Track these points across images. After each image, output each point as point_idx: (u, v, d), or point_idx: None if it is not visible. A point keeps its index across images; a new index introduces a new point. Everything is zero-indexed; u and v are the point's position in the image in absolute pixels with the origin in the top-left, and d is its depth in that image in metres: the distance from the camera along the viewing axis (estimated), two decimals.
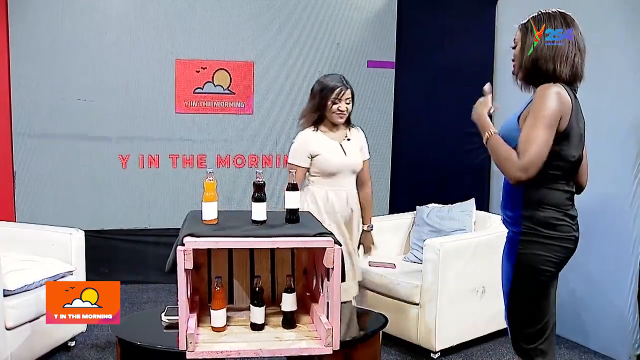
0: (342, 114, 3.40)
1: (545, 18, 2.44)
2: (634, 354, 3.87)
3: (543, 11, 2.44)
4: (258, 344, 2.49)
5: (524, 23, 2.44)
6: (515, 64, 2.50)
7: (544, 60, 2.41)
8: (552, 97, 2.29)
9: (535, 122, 2.25)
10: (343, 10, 5.46)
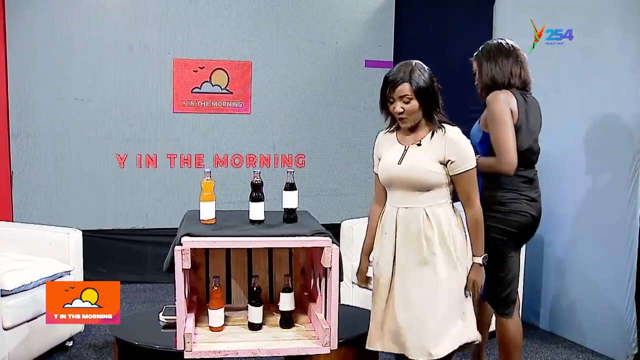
0: (401, 117, 2.55)
1: (493, 50, 3.15)
2: (632, 353, 3.88)
3: (491, 43, 3.20)
4: (256, 344, 2.49)
5: (477, 55, 3.19)
6: (478, 87, 3.18)
7: (496, 74, 3.06)
8: (497, 101, 2.94)
9: (494, 126, 2.91)
10: (341, 10, 5.46)
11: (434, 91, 2.58)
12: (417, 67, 2.60)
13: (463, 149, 2.51)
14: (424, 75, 2.58)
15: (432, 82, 2.59)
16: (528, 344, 4.21)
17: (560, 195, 4.30)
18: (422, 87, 2.54)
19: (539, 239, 4.40)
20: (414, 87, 2.52)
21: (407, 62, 2.61)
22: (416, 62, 2.62)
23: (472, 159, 2.53)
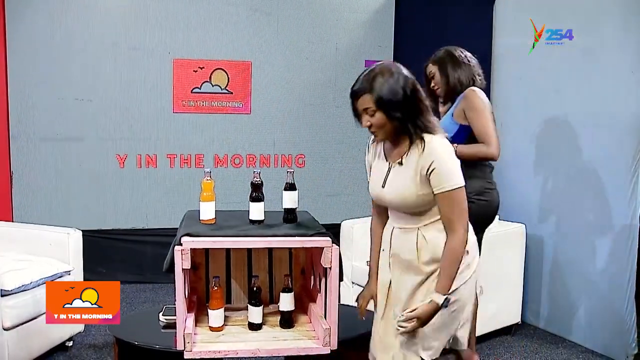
0: (371, 131, 2.29)
1: (455, 55, 3.38)
2: (632, 353, 3.88)
3: (449, 49, 3.44)
4: (256, 344, 2.49)
5: (435, 59, 3.38)
6: (440, 89, 3.32)
7: (465, 75, 3.27)
8: (477, 95, 3.18)
9: (480, 117, 3.14)
10: (340, 10, 5.46)
11: (406, 99, 2.18)
12: (384, 72, 2.20)
13: (443, 164, 2.16)
14: (390, 82, 2.18)
15: (404, 89, 2.18)
16: (528, 344, 4.21)
17: (560, 195, 4.30)
18: (386, 97, 2.17)
19: (539, 239, 4.41)
20: (374, 98, 2.19)
21: (373, 68, 2.24)
22: (385, 65, 2.25)
23: (455, 177, 2.16)
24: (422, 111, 2.22)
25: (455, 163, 2.20)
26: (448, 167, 2.17)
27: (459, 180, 2.17)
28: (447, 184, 2.16)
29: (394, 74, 2.20)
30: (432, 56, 3.40)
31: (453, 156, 2.21)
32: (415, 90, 2.22)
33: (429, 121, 2.23)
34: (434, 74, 3.33)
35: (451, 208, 2.17)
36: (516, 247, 4.24)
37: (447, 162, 2.17)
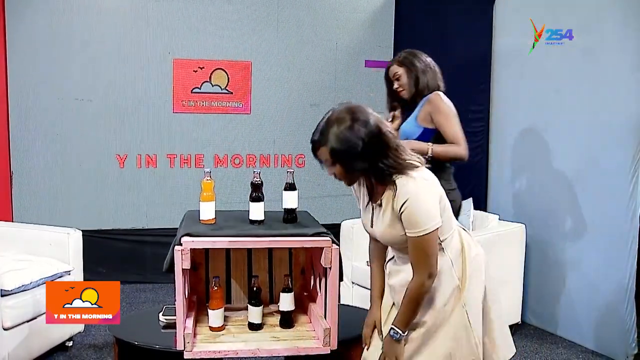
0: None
1: (423, 59, 3.38)
2: (632, 353, 3.88)
3: (416, 52, 3.43)
4: (256, 344, 2.49)
5: (401, 61, 3.38)
6: (406, 90, 3.33)
7: (431, 79, 3.30)
8: (443, 100, 3.21)
9: (449, 120, 3.17)
10: (341, 10, 5.46)
11: (366, 149, 2.06)
12: (340, 121, 2.07)
13: (413, 209, 2.07)
14: (345, 133, 2.06)
15: (363, 139, 2.05)
16: (528, 344, 4.21)
17: (560, 195, 4.30)
18: (342, 150, 2.07)
19: (539, 239, 4.41)
20: (329, 151, 2.10)
21: (330, 116, 2.11)
22: (343, 112, 2.10)
23: (426, 222, 2.07)
24: (389, 155, 2.09)
25: (428, 204, 2.09)
26: (419, 212, 2.08)
27: (429, 224, 2.08)
28: (416, 229, 2.08)
29: (351, 122, 2.06)
30: (396, 57, 3.42)
31: (425, 197, 2.09)
32: (378, 135, 2.08)
33: (399, 161, 2.11)
34: (400, 76, 3.34)
35: (417, 252, 2.12)
36: (516, 247, 4.24)
37: (418, 206, 2.08)
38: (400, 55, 3.40)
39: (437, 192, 2.16)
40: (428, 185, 2.12)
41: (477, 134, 5.22)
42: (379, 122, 2.11)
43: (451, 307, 2.21)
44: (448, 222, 2.23)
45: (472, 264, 2.26)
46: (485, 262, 2.34)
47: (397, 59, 3.38)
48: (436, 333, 2.21)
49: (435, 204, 2.11)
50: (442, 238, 2.20)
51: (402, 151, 2.14)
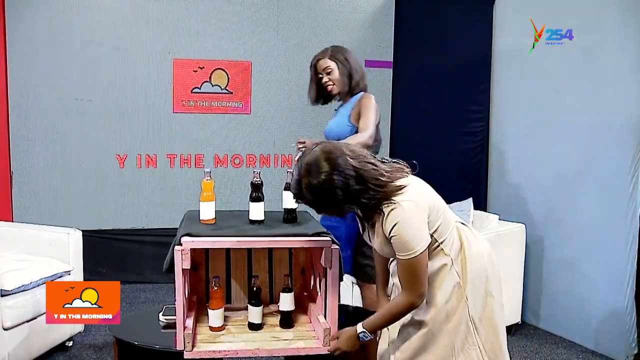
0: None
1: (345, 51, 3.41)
2: (632, 353, 3.88)
3: (339, 47, 3.45)
4: (256, 344, 2.49)
5: (334, 55, 3.35)
6: (337, 85, 3.31)
7: (360, 78, 3.32)
8: (373, 100, 3.27)
9: (373, 115, 3.23)
10: (341, 11, 5.46)
11: (345, 195, 2.11)
12: (309, 172, 2.12)
13: (400, 235, 2.11)
14: (317, 188, 2.11)
15: (344, 183, 2.09)
16: (528, 344, 4.21)
17: (560, 195, 4.30)
18: (318, 201, 2.16)
19: (538, 239, 4.41)
20: (308, 202, 2.18)
21: (299, 168, 2.16)
22: (311, 163, 2.12)
23: (412, 247, 2.10)
24: (370, 189, 2.12)
25: (414, 229, 2.11)
26: (407, 237, 2.11)
27: (418, 247, 2.11)
28: (405, 253, 2.12)
29: (327, 174, 2.09)
30: (326, 50, 3.37)
31: (411, 223, 2.11)
32: (357, 177, 2.10)
33: (381, 192, 2.13)
34: (332, 70, 3.30)
35: (407, 274, 2.16)
36: (516, 247, 4.23)
37: (406, 232, 2.11)
38: (330, 49, 3.37)
39: (424, 209, 2.16)
40: (414, 207, 2.13)
41: (477, 134, 5.23)
42: (355, 160, 2.13)
43: (453, 304, 2.22)
44: (445, 223, 2.24)
45: (474, 261, 2.27)
46: (492, 259, 2.35)
47: (328, 52, 3.34)
48: (439, 331, 2.23)
49: (422, 225, 2.14)
50: (441, 239, 2.22)
51: (383, 176, 2.15)
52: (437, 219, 2.20)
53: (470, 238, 2.32)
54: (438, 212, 2.22)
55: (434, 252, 2.22)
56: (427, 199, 2.21)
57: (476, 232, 2.39)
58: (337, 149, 2.14)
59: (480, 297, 2.27)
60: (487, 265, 2.32)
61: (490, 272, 2.32)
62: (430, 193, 2.26)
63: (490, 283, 2.31)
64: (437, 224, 2.19)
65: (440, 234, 2.21)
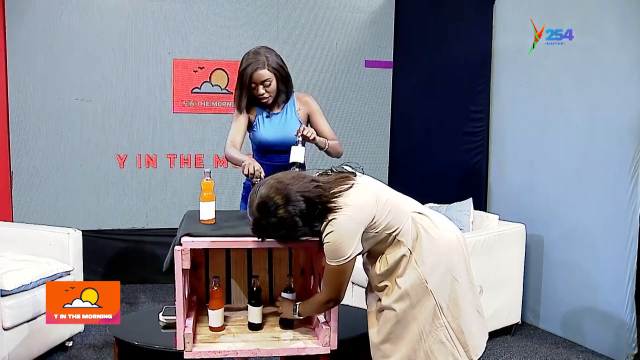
0: None
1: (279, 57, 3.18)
2: (632, 353, 3.88)
3: (274, 53, 3.19)
4: (256, 344, 2.49)
5: (273, 67, 3.09)
6: (272, 97, 3.08)
7: (290, 81, 3.16)
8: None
9: (325, 119, 3.27)
10: (340, 10, 5.46)
11: (301, 214, 2.27)
12: (261, 211, 2.27)
13: (329, 242, 2.27)
14: (271, 216, 2.27)
15: (287, 220, 2.27)
16: (528, 344, 4.21)
17: (559, 195, 4.30)
18: (277, 235, 2.34)
19: (538, 239, 4.41)
20: (270, 237, 2.36)
21: (251, 211, 2.31)
22: (259, 205, 2.27)
23: (337, 255, 2.27)
24: (317, 206, 2.28)
25: (344, 239, 2.26)
26: (335, 246, 2.26)
27: (343, 257, 2.27)
28: (331, 259, 2.30)
29: (276, 210, 2.25)
30: (259, 58, 3.07)
31: (341, 234, 2.25)
32: (305, 201, 2.26)
33: (326, 206, 2.28)
34: (271, 83, 3.05)
35: (330, 278, 2.35)
36: (516, 247, 4.23)
37: (335, 240, 2.25)
38: (265, 57, 3.08)
39: (359, 222, 2.29)
40: (346, 221, 2.26)
41: (477, 134, 5.23)
42: (297, 184, 2.29)
43: (417, 292, 2.33)
44: (397, 216, 2.36)
45: (435, 248, 2.36)
46: (459, 244, 2.45)
47: (265, 61, 3.06)
48: (407, 316, 2.35)
49: (353, 238, 2.28)
50: (394, 230, 2.35)
51: (326, 190, 2.30)
52: (386, 216, 2.34)
53: (429, 225, 2.39)
54: (385, 209, 2.34)
55: (392, 244, 2.36)
56: (365, 209, 2.31)
57: (440, 218, 2.48)
58: (280, 182, 2.29)
59: (445, 282, 2.37)
60: (452, 250, 2.41)
61: (456, 257, 2.42)
62: (371, 195, 2.35)
63: (456, 268, 2.40)
64: (386, 220, 2.34)
65: (391, 226, 2.35)
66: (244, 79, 3.04)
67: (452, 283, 2.38)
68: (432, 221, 2.42)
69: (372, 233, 2.33)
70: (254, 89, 3.05)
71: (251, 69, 3.03)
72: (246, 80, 3.04)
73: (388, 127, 5.61)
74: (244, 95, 3.09)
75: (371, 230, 2.33)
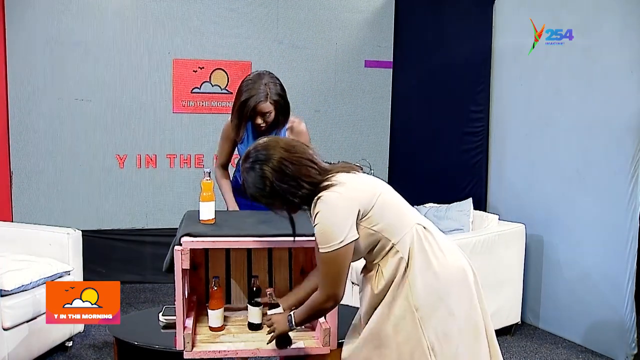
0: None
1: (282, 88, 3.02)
2: (631, 353, 3.88)
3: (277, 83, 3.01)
4: (256, 344, 2.48)
5: (276, 101, 2.94)
6: (268, 125, 2.98)
7: (288, 111, 3.02)
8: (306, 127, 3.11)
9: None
10: (340, 10, 5.46)
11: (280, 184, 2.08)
12: (247, 170, 2.13)
13: (319, 223, 2.05)
14: (252, 178, 2.12)
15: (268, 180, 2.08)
16: (528, 344, 4.21)
17: (559, 195, 4.30)
18: (256, 195, 2.15)
19: (538, 239, 4.41)
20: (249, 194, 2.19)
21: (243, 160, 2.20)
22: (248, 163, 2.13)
23: (330, 238, 2.02)
24: (302, 181, 2.07)
25: (336, 219, 2.02)
26: (325, 227, 2.03)
27: (336, 240, 2.02)
28: (324, 245, 2.04)
29: (254, 169, 2.10)
30: (259, 90, 2.92)
31: (332, 213, 2.03)
32: (288, 173, 2.07)
33: (311, 187, 2.07)
34: (271, 114, 2.96)
35: (324, 269, 2.08)
36: (516, 247, 4.24)
37: (325, 221, 2.03)
38: (268, 89, 2.93)
39: (351, 203, 2.04)
40: (337, 198, 2.04)
41: (477, 134, 5.23)
42: (289, 153, 2.09)
43: (406, 324, 2.09)
44: (399, 223, 2.12)
45: (433, 269, 2.09)
46: (465, 277, 2.16)
47: (267, 95, 2.92)
48: (388, 341, 2.12)
49: (346, 218, 2.03)
50: (392, 236, 2.09)
51: (318, 172, 2.10)
52: (384, 215, 2.09)
53: (433, 244, 2.13)
54: (385, 208, 2.10)
55: (388, 254, 2.11)
56: (361, 193, 2.08)
57: (447, 242, 2.20)
58: (271, 142, 2.14)
59: (439, 317, 2.08)
60: (451, 279, 2.11)
61: (456, 289, 2.12)
62: (372, 187, 2.13)
63: (453, 301, 2.10)
64: (384, 220, 2.09)
65: (390, 231, 2.09)
66: (245, 111, 2.94)
67: (449, 318, 2.08)
68: (437, 241, 2.15)
69: (367, 229, 2.07)
70: (252, 117, 2.97)
71: (253, 102, 2.91)
72: (247, 112, 2.94)
73: (388, 127, 5.61)
74: (242, 125, 3.01)
75: (366, 223, 2.07)
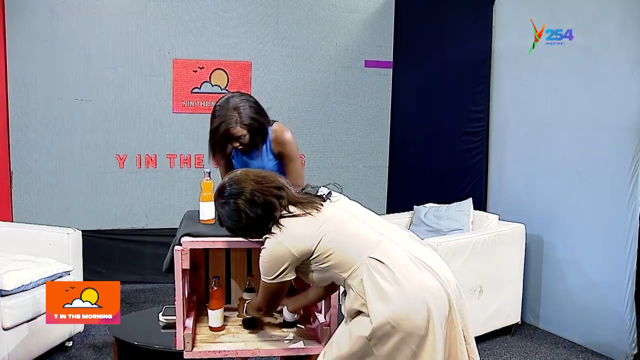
0: None
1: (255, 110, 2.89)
2: (631, 353, 3.88)
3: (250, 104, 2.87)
4: (256, 344, 2.49)
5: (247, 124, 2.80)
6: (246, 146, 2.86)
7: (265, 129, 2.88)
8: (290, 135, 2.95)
9: (297, 162, 2.98)
10: (340, 10, 5.46)
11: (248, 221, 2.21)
12: (224, 204, 2.23)
13: (260, 258, 2.24)
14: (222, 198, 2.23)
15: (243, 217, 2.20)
16: (528, 344, 4.21)
17: (560, 195, 4.30)
18: (231, 228, 2.29)
19: (538, 239, 4.41)
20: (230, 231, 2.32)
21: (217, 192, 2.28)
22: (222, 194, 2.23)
23: (263, 273, 2.22)
24: (269, 211, 2.19)
25: (270, 265, 2.19)
26: (262, 264, 2.23)
27: (266, 278, 2.22)
28: (262, 275, 2.24)
29: (229, 204, 2.21)
30: (230, 114, 2.79)
31: (269, 255, 2.20)
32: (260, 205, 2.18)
33: (272, 222, 2.20)
34: (244, 137, 2.84)
35: (260, 289, 2.29)
36: (516, 247, 4.23)
37: (263, 258, 2.22)
38: (238, 114, 2.79)
39: (296, 247, 2.13)
40: (275, 245, 2.17)
41: (477, 134, 5.23)
42: (259, 185, 2.20)
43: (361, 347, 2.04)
44: (348, 258, 2.10)
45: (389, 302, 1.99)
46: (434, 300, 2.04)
47: (239, 120, 2.79)
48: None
49: (281, 261, 2.17)
50: (343, 271, 2.11)
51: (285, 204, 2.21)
52: (331, 255, 2.11)
53: (386, 277, 2.03)
54: (332, 246, 2.12)
55: (344, 286, 2.13)
56: (301, 241, 2.14)
57: (408, 267, 2.08)
58: (246, 175, 2.24)
59: (393, 343, 1.99)
60: (412, 307, 2.00)
61: (419, 321, 1.99)
62: (318, 229, 2.15)
63: (415, 334, 1.99)
64: (334, 259, 2.11)
65: (341, 267, 2.11)
66: (216, 138, 2.84)
67: (400, 343, 1.99)
68: (393, 270, 2.03)
69: (317, 266, 2.14)
70: (226, 142, 2.89)
71: (223, 128, 2.79)
72: (219, 138, 2.84)
73: (388, 127, 5.61)
74: (217, 152, 2.93)
75: (314, 262, 2.14)
